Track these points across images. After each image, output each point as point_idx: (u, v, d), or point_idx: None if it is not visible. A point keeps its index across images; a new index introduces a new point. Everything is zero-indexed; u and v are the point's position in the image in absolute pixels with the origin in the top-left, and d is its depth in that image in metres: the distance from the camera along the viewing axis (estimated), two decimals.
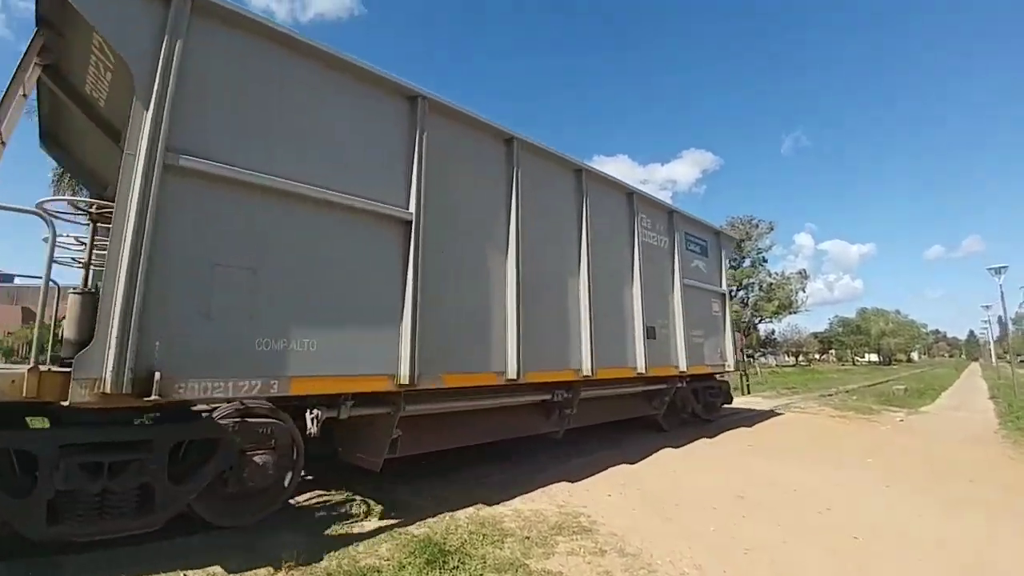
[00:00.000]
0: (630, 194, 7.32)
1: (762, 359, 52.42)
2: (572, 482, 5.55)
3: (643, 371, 6.86)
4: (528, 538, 3.97)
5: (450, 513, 4.47)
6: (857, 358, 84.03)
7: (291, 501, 4.56)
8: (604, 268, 6.54)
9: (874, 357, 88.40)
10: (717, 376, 10.18)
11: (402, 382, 4.12)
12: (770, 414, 12.04)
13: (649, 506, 4.91)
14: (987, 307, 40.59)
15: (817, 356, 77.84)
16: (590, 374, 5.92)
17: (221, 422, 3.77)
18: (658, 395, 8.07)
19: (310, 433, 4.00)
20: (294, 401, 4.00)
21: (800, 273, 54.24)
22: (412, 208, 4.39)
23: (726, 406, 10.75)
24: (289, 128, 3.82)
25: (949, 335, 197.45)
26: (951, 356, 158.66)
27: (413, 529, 4.09)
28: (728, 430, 9.24)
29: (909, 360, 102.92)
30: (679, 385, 8.23)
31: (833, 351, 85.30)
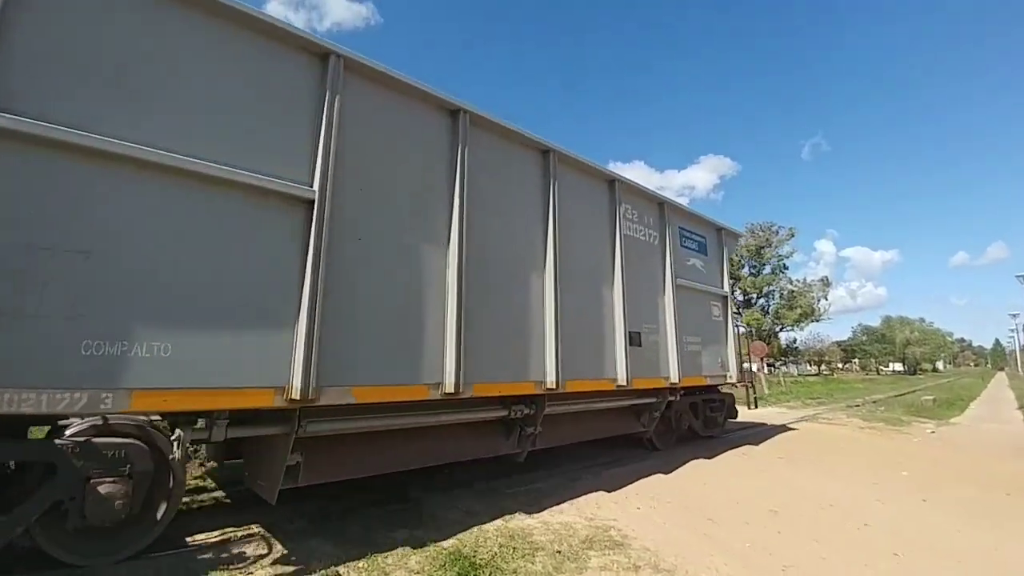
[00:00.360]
0: (611, 181, 6.43)
1: (784, 368, 51.04)
2: (600, 494, 5.42)
3: (624, 383, 5.94)
4: (559, 552, 3.88)
5: (479, 525, 4.34)
6: (881, 367, 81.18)
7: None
8: (576, 264, 5.68)
9: (899, 366, 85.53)
10: (720, 388, 9.21)
11: (294, 397, 3.31)
12: (781, 429, 10.98)
13: (681, 520, 4.79)
14: (1014, 315, 38.58)
15: (840, 365, 75.18)
16: (555, 386, 5.04)
17: (58, 442, 3.08)
18: (647, 410, 7.14)
19: (174, 458, 3.27)
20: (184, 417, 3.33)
21: (822, 280, 52.92)
22: (316, 186, 3.60)
23: (732, 420, 9.77)
24: (144, 82, 3.06)
25: (974, 344, 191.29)
26: (976, 365, 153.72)
27: (442, 542, 3.97)
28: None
29: (935, 369, 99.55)
30: (671, 399, 7.27)
31: (856, 360, 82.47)
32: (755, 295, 51.17)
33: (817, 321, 50.80)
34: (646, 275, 6.83)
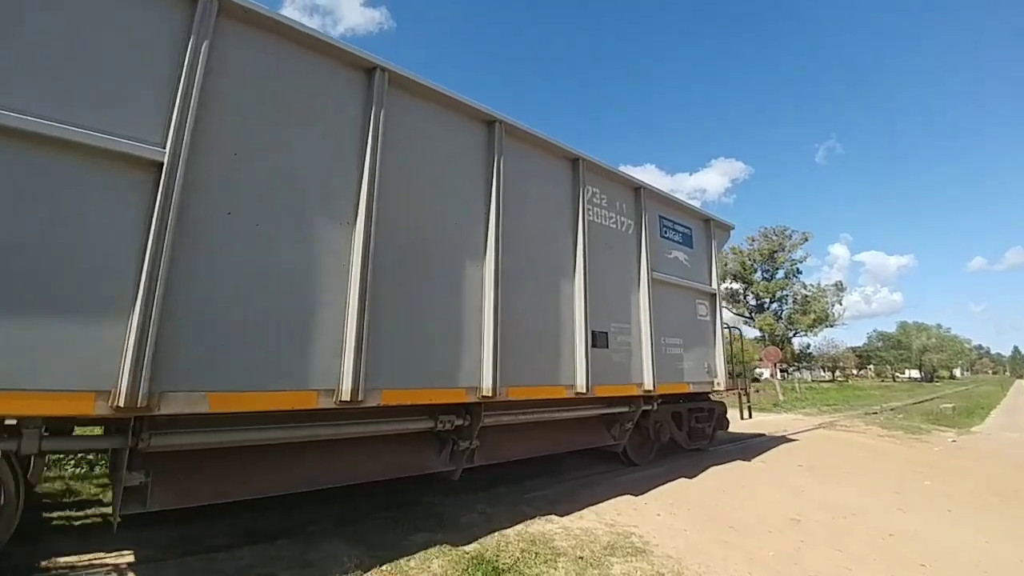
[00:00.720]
0: (575, 160, 5.72)
1: (797, 374, 50.03)
2: (618, 499, 5.39)
3: (584, 390, 5.20)
4: (581, 558, 3.84)
5: (499, 529, 4.33)
6: (897, 374, 79.02)
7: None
8: (526, 252, 4.95)
9: (915, 373, 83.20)
10: (710, 396, 8.40)
11: (120, 404, 2.66)
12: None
13: (702, 527, 4.74)
14: None
15: (855, 371, 73.24)
16: (492, 394, 4.33)
17: None
18: (618, 421, 6.38)
19: None
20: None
21: (836, 285, 51.90)
22: (168, 146, 2.95)
23: (723, 432, 8.96)
24: None
25: (993, 351, 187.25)
26: (995, 373, 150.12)
27: (463, 546, 3.94)
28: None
29: (952, 377, 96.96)
30: (647, 408, 6.50)
31: (872, 367, 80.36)
32: (768, 299, 50.29)
33: (831, 326, 50.01)
34: (616, 268, 6.07)
